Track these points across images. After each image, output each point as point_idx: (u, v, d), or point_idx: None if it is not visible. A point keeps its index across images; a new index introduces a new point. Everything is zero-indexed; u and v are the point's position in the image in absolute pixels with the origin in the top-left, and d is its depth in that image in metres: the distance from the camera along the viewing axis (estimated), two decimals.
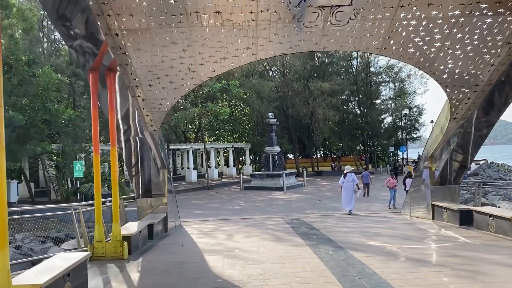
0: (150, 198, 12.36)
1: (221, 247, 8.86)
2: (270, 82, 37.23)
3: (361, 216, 14.55)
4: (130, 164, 12.01)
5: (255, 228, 11.92)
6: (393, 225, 11.63)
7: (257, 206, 20.77)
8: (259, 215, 17.14)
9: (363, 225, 11.69)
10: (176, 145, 36.57)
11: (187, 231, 12.15)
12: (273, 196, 25.52)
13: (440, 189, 12.31)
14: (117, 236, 8.26)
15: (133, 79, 8.94)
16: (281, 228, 11.74)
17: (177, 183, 34.78)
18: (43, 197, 26.99)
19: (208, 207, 21.02)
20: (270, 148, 31.37)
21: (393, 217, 13.73)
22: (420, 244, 8.36)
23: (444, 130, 11.17)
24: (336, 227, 11.67)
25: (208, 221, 14.76)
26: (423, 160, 12.85)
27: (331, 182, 34.06)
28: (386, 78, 48.36)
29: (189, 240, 10.27)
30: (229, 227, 12.53)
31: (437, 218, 11.94)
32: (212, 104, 29.75)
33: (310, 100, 39.42)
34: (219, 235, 10.78)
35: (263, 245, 8.91)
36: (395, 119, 51.06)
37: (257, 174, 31.74)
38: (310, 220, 13.43)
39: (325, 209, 18.64)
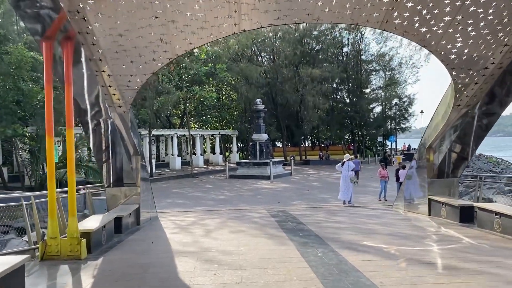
0: (121, 187, 11.22)
1: (196, 247, 7.78)
2: (259, 67, 35.92)
3: (352, 209, 13.61)
4: (99, 149, 10.79)
5: (237, 222, 10.88)
6: (387, 220, 10.69)
7: (242, 196, 19.74)
8: (244, 206, 16.10)
9: (355, 220, 10.73)
10: (160, 131, 35.18)
11: (162, 224, 11.06)
12: (259, 185, 24.51)
13: (438, 182, 11.38)
14: (74, 232, 7.11)
15: (96, 51, 7.69)
16: (265, 222, 10.71)
17: (160, 170, 33.57)
18: (17, 182, 25.57)
19: (190, 197, 19.92)
20: (257, 135, 30.25)
21: (385, 211, 12.81)
22: (421, 246, 7.40)
23: (446, 118, 10.18)
24: (325, 221, 10.68)
25: (188, 213, 13.67)
26: (420, 150, 11.89)
27: (319, 172, 33.21)
28: (377, 67, 47.43)
29: (162, 236, 9.17)
30: (210, 220, 11.46)
31: (434, 213, 11.04)
32: (198, 88, 28.40)
33: (300, 87, 38.29)
34: (196, 230, 9.70)
35: (244, 244, 7.86)
36: (385, 108, 50.33)
37: (243, 162, 30.64)
38: (297, 213, 12.44)
39: (313, 200, 17.70)
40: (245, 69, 32.69)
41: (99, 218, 8.54)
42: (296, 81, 38.47)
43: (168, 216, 12.80)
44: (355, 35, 44.14)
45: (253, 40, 37.59)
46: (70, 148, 7.34)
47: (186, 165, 35.49)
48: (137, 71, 8.32)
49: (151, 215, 12.32)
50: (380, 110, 50.57)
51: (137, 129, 11.50)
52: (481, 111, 10.00)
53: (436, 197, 10.98)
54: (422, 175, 11.76)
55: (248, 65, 34.68)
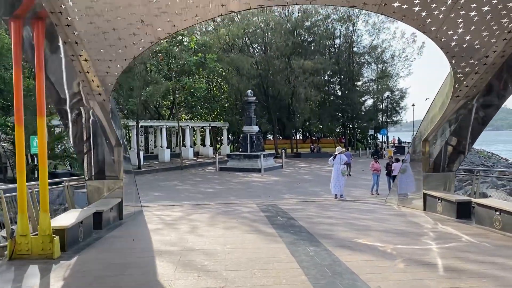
0: (103, 180, 10.66)
1: (180, 245, 7.27)
2: (250, 58, 35.23)
3: (344, 203, 13.20)
4: (79, 140, 10.20)
5: (225, 217, 10.38)
6: (381, 216, 10.27)
7: (232, 190, 19.24)
8: (233, 200, 15.62)
9: (347, 216, 10.30)
10: (148, 122, 34.44)
11: (146, 219, 10.52)
12: (249, 178, 24.03)
13: (433, 176, 11.00)
14: (46, 229, 6.56)
15: (71, 33, 7.09)
16: (255, 217, 10.23)
17: (149, 162, 32.90)
18: None
19: (178, 190, 19.37)
20: (248, 127, 29.71)
21: (378, 206, 12.42)
22: (418, 244, 6.98)
23: (443, 110, 9.75)
24: (317, 217, 10.23)
25: (174, 207, 13.14)
26: (416, 143, 11.48)
27: (310, 164, 32.83)
28: (369, 59, 47.01)
29: (144, 233, 8.64)
30: (197, 215, 10.95)
31: (429, 209, 10.66)
32: (187, 79, 27.68)
33: (291, 79, 37.71)
34: (182, 227, 9.19)
35: (231, 242, 7.36)
36: (376, 101, 50.04)
37: (233, 155, 30.12)
38: (288, 208, 11.99)
39: (304, 194, 17.27)
40: (236, 59, 32.01)
41: (76, 213, 7.98)
42: (288, 73, 37.89)
43: (154, 211, 12.26)
44: (348, 26, 43.64)
45: (244, 30, 36.87)
46: (41, 138, 6.75)
47: (175, 158, 34.85)
48: (116, 55, 7.72)
49: (135, 209, 11.80)
50: (371, 103, 50.29)
51: (119, 119, 10.90)
52: (480, 103, 9.60)
53: (431, 192, 10.59)
54: (417, 168, 11.36)
55: (239, 55, 33.98)
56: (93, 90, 8.62)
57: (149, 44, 7.57)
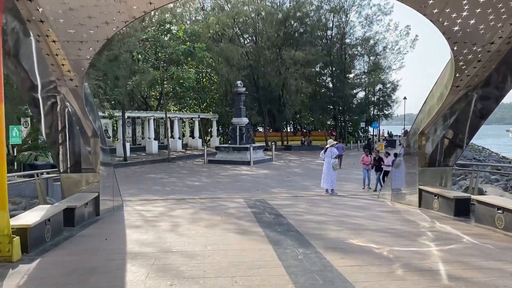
0: (78, 173, 9.94)
1: (156, 246, 6.61)
2: (240, 48, 34.39)
3: (335, 199, 12.65)
4: (52, 130, 9.44)
5: (210, 214, 9.74)
6: (374, 213, 9.71)
7: (220, 183, 18.60)
8: (220, 193, 14.99)
9: (339, 212, 9.72)
10: (136, 113, 33.53)
11: (125, 215, 9.84)
12: (238, 171, 23.40)
13: (430, 171, 10.46)
14: (4, 229, 5.86)
15: (34, 9, 6.33)
16: (241, 214, 9.61)
17: (136, 154, 32.07)
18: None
19: (164, 183, 18.66)
20: (237, 119, 29.00)
21: (371, 202, 11.88)
22: (417, 246, 6.41)
23: (441, 101, 9.18)
24: (307, 213, 9.64)
25: (157, 202, 12.47)
26: (411, 136, 10.92)
27: (301, 158, 32.29)
28: (362, 51, 46.44)
29: (120, 231, 7.97)
30: (180, 211, 10.31)
31: (424, 205, 10.13)
32: (175, 68, 26.82)
33: (282, 70, 36.99)
34: (162, 224, 8.53)
35: (212, 243, 6.73)
36: (368, 94, 49.60)
37: (222, 147, 29.43)
38: (277, 203, 11.39)
39: (294, 188, 16.69)
40: (226, 49, 31.18)
41: (43, 210, 7.27)
42: (279, 64, 37.16)
43: (135, 205, 11.58)
44: (340, 17, 42.96)
45: (234, 19, 35.97)
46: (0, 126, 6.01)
47: (163, 149, 34.04)
48: (88, 36, 6.98)
49: (114, 203, 11.11)
50: (363, 95, 49.84)
51: (95, 107, 10.16)
52: (480, 95, 9.03)
53: (427, 188, 10.06)
54: (411, 163, 10.83)
55: (229, 45, 33.12)
56: (64, 75, 7.87)
57: (123, 23, 6.83)
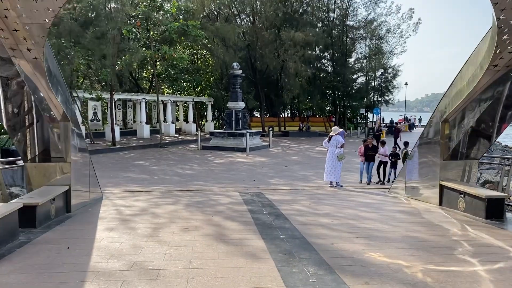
0: (45, 163, 8.51)
1: (128, 259, 5.23)
2: (237, 28, 32.58)
3: (341, 193, 11.33)
4: (12, 113, 7.98)
5: (198, 211, 8.38)
6: (390, 214, 8.38)
7: (213, 172, 17.24)
8: (212, 184, 13.65)
9: (348, 213, 8.37)
10: (126, 95, 31.89)
11: (100, 212, 8.45)
12: (233, 158, 22.04)
13: (453, 165, 9.12)
14: None
15: None
16: (235, 213, 8.25)
17: (126, 138, 30.60)
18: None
19: (152, 171, 17.26)
20: (233, 103, 27.50)
21: (383, 197, 10.56)
22: (457, 264, 5.07)
23: (474, 83, 7.76)
24: (312, 213, 8.28)
25: (141, 194, 11.10)
26: (432, 125, 9.53)
27: (299, 144, 30.98)
28: (364, 34, 44.66)
29: (89, 235, 6.57)
30: (165, 207, 8.96)
31: (446, 204, 8.82)
32: (166, 47, 25.13)
33: (281, 52, 35.30)
34: (141, 225, 7.15)
35: (199, 255, 5.36)
36: (369, 79, 48.02)
37: (217, 132, 27.97)
38: (276, 198, 10.06)
39: (293, 178, 15.38)
40: (222, 29, 29.41)
41: None
42: (277, 45, 35.44)
43: (115, 198, 10.22)
44: None
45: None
46: None
47: (155, 134, 32.57)
48: None
49: (91, 197, 9.73)
50: (363, 80, 48.23)
51: (64, 84, 8.66)
52: None
53: (451, 184, 8.72)
54: (431, 154, 9.47)
55: (225, 24, 31.31)
56: (19, 44, 6.36)
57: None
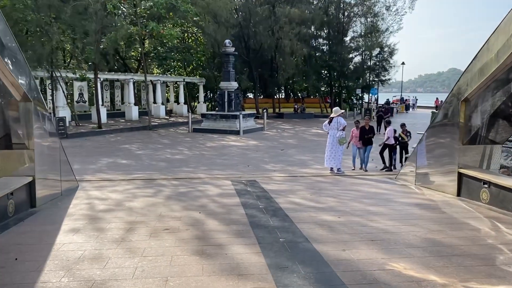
0: (8, 150, 7.31)
1: (88, 276, 4.10)
2: (229, 3, 30.84)
3: (344, 181, 10.25)
4: None
5: (183, 206, 7.25)
6: (401, 207, 7.29)
7: (204, 156, 16.09)
8: (202, 171, 12.52)
9: (355, 206, 7.26)
10: (113, 75, 30.35)
11: (71, 206, 7.30)
12: (226, 142, 20.87)
13: (474, 150, 8.05)
14: None
15: None
16: (226, 208, 7.13)
17: (114, 120, 29.25)
18: None
19: (138, 155, 16.07)
20: (226, 83, 26.15)
21: (390, 186, 9.49)
22: (503, 280, 4.01)
23: (505, 56, 6.60)
24: (313, 208, 7.18)
25: (122, 182, 9.95)
26: (449, 104, 8.40)
27: (294, 126, 29.84)
28: (359, 11, 43.01)
29: (48, 239, 5.43)
30: (143, 199, 7.84)
31: (466, 194, 7.77)
32: (154, 24, 23.55)
33: (276, 29, 33.72)
34: (112, 225, 6.02)
35: (177, 272, 4.24)
36: (365, 58, 46.60)
37: (209, 114, 26.69)
38: (272, 188, 8.96)
39: (290, 163, 14.29)
40: (213, 4, 27.75)
41: None
42: (272, 22, 33.83)
43: (91, 189, 9.07)
44: None
45: None
46: None
47: (145, 116, 31.23)
48: None
49: (64, 187, 8.58)
50: (360, 60, 46.82)
51: (24, 60, 7.39)
52: None
53: (472, 172, 7.65)
54: (448, 138, 8.38)
55: None
56: None
57: None
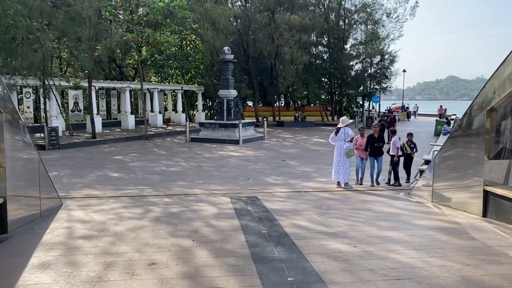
0: None
1: None
2: (228, 9, 30.15)
3: (354, 198, 9.36)
4: None
5: (173, 230, 6.36)
6: (425, 231, 6.38)
7: (201, 168, 15.21)
8: (198, 185, 11.64)
9: (371, 232, 6.36)
10: (109, 83, 29.54)
11: (47, 232, 6.41)
12: (225, 152, 20.00)
13: (501, 166, 7.20)
14: None
15: None
16: (224, 233, 6.23)
17: (110, 129, 28.40)
18: None
19: (131, 168, 15.19)
20: (225, 91, 25.34)
21: (406, 205, 8.58)
22: None
23: None
24: (323, 233, 6.29)
25: (109, 200, 9.05)
26: (472, 114, 7.55)
27: (295, 135, 28.99)
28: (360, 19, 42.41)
29: (11, 275, 4.54)
30: (130, 222, 6.96)
31: (493, 215, 6.90)
32: (149, 30, 22.79)
33: (276, 36, 33.00)
34: (89, 259, 5.13)
35: None
36: (365, 66, 45.92)
37: (207, 123, 25.83)
38: (275, 207, 8.08)
39: (292, 176, 13.45)
40: (211, 10, 27.03)
41: None
42: (272, 29, 33.12)
43: (76, 208, 8.19)
44: None
45: None
46: None
47: (142, 125, 30.40)
48: None
49: (44, 207, 7.71)
50: (360, 67, 46.12)
51: None
52: None
53: (501, 190, 6.77)
54: (472, 151, 7.52)
55: (214, 6, 28.89)
56: None
57: None
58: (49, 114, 24.02)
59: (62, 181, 12.65)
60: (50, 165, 15.47)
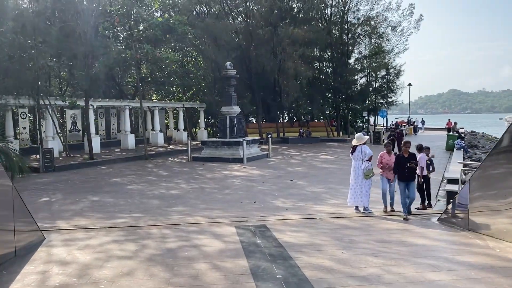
0: None
1: None
2: (229, 25, 29.41)
3: (376, 226, 8.19)
4: None
5: (169, 276, 5.23)
6: (477, 272, 5.22)
7: (203, 191, 14.08)
8: (200, 211, 10.51)
9: (411, 275, 5.20)
10: (107, 101, 28.66)
11: (14, 280, 5.29)
12: (229, 172, 18.88)
13: None
14: None
15: None
16: (230, 278, 5.10)
17: (108, 149, 27.37)
18: None
19: (129, 191, 14.06)
20: (227, 108, 24.36)
21: (441, 236, 7.41)
22: None
23: None
24: (354, 278, 5.15)
25: (100, 233, 7.95)
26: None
27: (301, 152, 27.86)
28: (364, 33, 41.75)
29: None
30: (119, 263, 5.84)
31: None
32: (148, 46, 22.00)
33: (278, 51, 32.21)
34: None
35: None
36: (370, 81, 45.08)
37: (209, 141, 24.78)
38: (289, 240, 6.94)
39: (302, 198, 12.30)
40: (212, 25, 26.30)
41: None
42: (274, 44, 32.35)
43: (59, 244, 7.10)
44: None
45: None
46: None
47: (142, 144, 29.39)
48: None
49: (19, 244, 6.66)
50: (365, 82, 45.26)
51: None
52: None
53: None
54: None
55: (215, 21, 28.16)
56: None
57: None
58: (45, 135, 23.06)
59: (51, 208, 11.56)
60: (42, 190, 14.43)
